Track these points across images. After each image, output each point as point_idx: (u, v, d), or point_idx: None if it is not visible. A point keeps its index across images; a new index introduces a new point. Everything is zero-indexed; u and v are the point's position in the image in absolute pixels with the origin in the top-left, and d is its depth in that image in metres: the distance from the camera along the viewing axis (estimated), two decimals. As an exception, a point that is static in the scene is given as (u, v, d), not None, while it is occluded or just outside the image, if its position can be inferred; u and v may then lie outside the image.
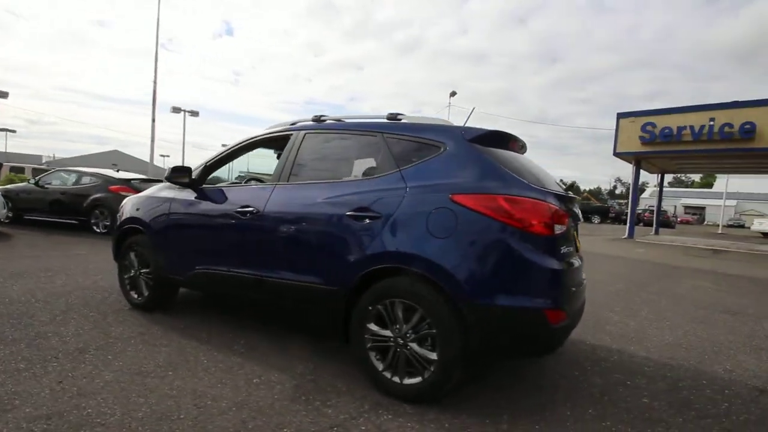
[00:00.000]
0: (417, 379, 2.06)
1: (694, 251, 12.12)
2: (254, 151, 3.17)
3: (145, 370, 2.33)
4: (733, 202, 35.42)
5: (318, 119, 2.82)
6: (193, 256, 3.01)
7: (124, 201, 3.75)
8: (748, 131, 12.15)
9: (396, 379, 2.12)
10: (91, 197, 8.20)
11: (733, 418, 2.18)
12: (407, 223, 2.10)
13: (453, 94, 25.57)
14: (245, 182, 3.60)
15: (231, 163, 3.23)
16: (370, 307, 2.19)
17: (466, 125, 2.30)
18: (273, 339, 2.90)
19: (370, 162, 2.45)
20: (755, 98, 12.44)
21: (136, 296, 3.41)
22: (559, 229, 1.98)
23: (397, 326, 2.12)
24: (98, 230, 8.12)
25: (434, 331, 2.00)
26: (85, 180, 8.54)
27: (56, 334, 2.79)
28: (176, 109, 29.22)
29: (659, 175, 19.92)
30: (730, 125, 12.43)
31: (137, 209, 3.40)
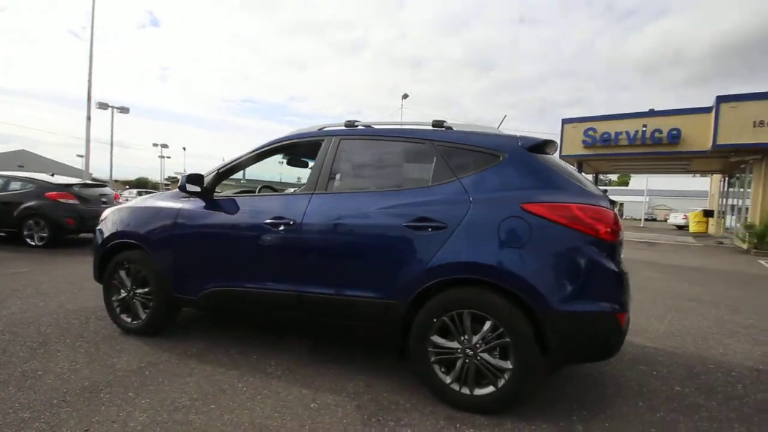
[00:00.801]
0: (489, 389, 2.04)
1: (632, 244, 13.42)
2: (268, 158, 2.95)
3: (180, 404, 2.06)
4: (647, 199, 40.04)
5: (351, 124, 2.69)
6: (208, 273, 2.73)
7: (104, 214, 3.30)
8: (675, 136, 14.11)
9: (465, 390, 2.09)
10: (24, 205, 7.15)
11: (753, 397, 2.43)
12: (477, 233, 2.07)
13: (405, 96, 25.99)
14: (258, 191, 3.33)
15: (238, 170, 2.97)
16: (434, 320, 2.13)
17: (521, 135, 2.32)
18: (303, 358, 2.71)
19: (422, 170, 2.38)
20: (681, 107, 14.35)
21: (129, 320, 3.01)
22: (620, 235, 2.08)
23: (465, 337, 2.09)
24: (33, 243, 7.10)
25: (508, 340, 2.00)
26: (15, 186, 7.43)
27: (48, 371, 2.38)
28: (103, 105, 26.44)
29: (594, 175, 21.90)
30: (660, 131, 14.28)
31: (127, 223, 3.01)
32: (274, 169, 4.49)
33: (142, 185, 56.11)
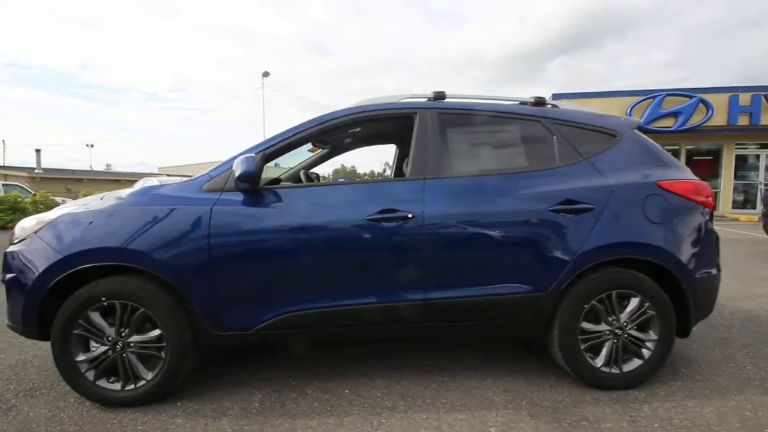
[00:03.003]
0: (638, 363, 2.11)
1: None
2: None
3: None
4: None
5: (441, 96, 2.28)
6: (275, 294, 1.97)
7: (31, 222, 2.02)
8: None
9: (615, 370, 2.10)
10: None
11: None
12: (625, 212, 2.06)
13: (266, 74, 23.84)
14: (305, 179, 2.48)
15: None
16: (585, 305, 2.06)
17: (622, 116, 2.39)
18: (424, 380, 2.26)
19: (542, 150, 2.20)
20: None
21: (118, 387, 1.94)
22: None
23: (613, 318, 2.09)
24: None
25: (653, 313, 2.09)
26: None
27: None
28: None
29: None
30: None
31: (110, 233, 1.90)
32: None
33: None
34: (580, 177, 2.12)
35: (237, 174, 1.88)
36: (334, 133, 2.21)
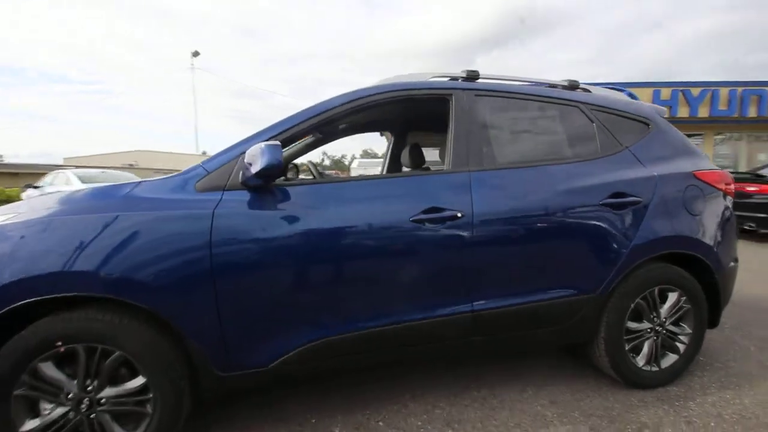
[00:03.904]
0: (674, 358, 2.06)
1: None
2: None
3: None
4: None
5: (475, 76, 1.99)
6: (303, 315, 1.57)
7: None
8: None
9: (655, 368, 2.03)
10: None
11: None
12: (670, 205, 1.97)
13: (196, 54, 21.45)
14: (317, 173, 2.01)
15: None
16: (631, 304, 1.95)
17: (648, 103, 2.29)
18: (441, 399, 2.00)
19: (582, 138, 2.02)
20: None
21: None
22: None
23: (654, 315, 2.01)
24: None
25: (689, 306, 2.05)
26: None
27: None
28: None
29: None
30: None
31: (62, 254, 1.35)
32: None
33: None
34: (624, 168, 1.98)
35: (258, 167, 1.42)
36: (357, 114, 1.82)
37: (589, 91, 2.18)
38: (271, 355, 1.55)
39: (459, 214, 1.68)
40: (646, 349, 2.02)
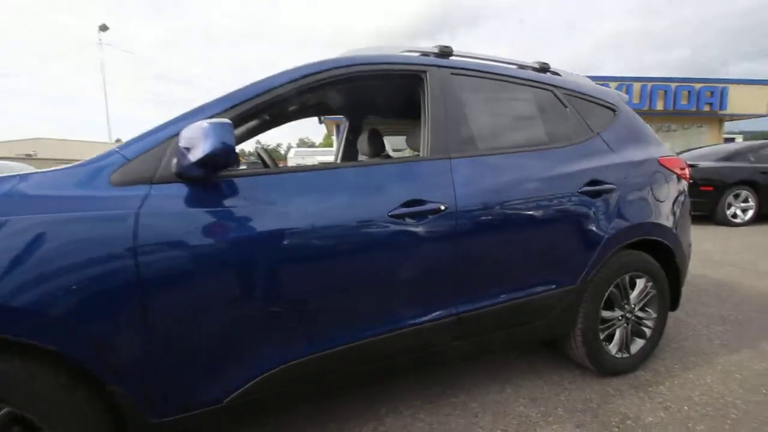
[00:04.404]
0: (641, 342, 2.08)
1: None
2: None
3: None
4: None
5: (448, 52, 1.78)
6: (264, 336, 1.28)
7: None
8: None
9: (626, 354, 2.03)
10: None
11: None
12: (639, 192, 1.95)
13: (104, 28, 18.71)
14: (267, 162, 1.62)
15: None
16: (605, 293, 1.91)
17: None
18: (420, 409, 1.81)
19: (556, 123, 1.91)
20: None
21: None
22: None
23: (625, 302, 2.00)
24: None
25: (654, 291, 2.07)
26: None
27: None
28: None
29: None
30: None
31: None
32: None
33: None
34: (598, 155, 1.92)
35: (201, 153, 1.09)
36: (315, 92, 1.53)
37: (559, 75, 2.09)
38: (225, 389, 1.25)
39: (442, 207, 1.48)
40: (617, 336, 2.01)
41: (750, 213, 6.37)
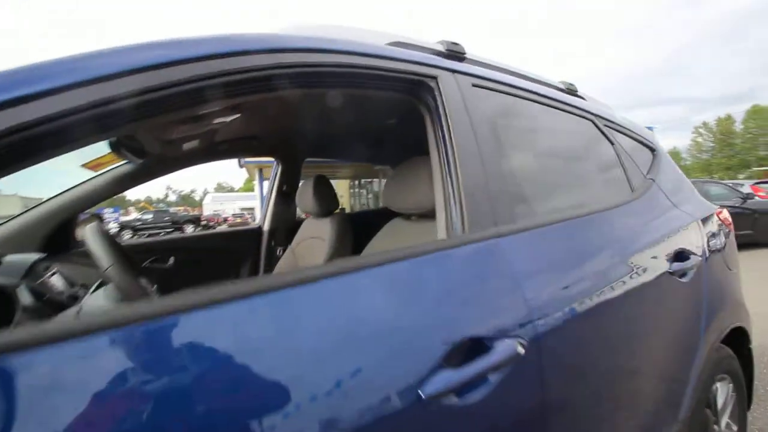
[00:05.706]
0: None
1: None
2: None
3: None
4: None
5: (458, 52, 1.07)
6: None
7: None
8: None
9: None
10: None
11: None
12: (717, 261, 1.39)
13: None
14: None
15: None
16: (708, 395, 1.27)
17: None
18: None
19: (607, 167, 1.30)
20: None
21: None
22: None
23: (714, 418, 1.38)
24: None
25: (734, 394, 1.48)
26: None
27: None
28: None
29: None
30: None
31: None
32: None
33: None
34: (663, 212, 1.33)
35: None
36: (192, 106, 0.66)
37: (584, 99, 1.52)
38: None
39: (519, 347, 0.70)
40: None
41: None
